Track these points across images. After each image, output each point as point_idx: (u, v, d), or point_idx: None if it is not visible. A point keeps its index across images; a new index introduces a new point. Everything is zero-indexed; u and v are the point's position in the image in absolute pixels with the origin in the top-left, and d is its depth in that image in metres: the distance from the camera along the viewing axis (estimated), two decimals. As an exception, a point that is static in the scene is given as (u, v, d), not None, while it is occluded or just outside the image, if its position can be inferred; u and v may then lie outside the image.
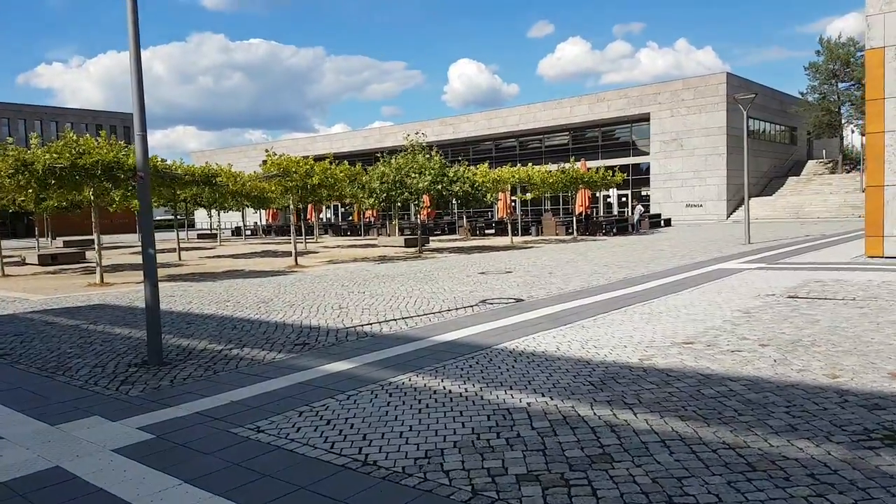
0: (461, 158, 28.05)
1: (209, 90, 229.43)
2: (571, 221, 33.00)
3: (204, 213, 45.85)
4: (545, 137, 52.52)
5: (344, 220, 55.15)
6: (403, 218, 43.61)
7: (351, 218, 53.09)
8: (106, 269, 16.01)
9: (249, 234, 50.41)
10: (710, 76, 44.15)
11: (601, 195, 45.97)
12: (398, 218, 40.55)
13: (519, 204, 36.23)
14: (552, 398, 4.89)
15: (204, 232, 51.34)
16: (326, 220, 55.58)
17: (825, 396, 4.69)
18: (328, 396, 5.25)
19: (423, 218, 27.78)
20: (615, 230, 33.15)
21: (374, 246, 29.17)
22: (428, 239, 28.39)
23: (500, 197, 32.87)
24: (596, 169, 31.68)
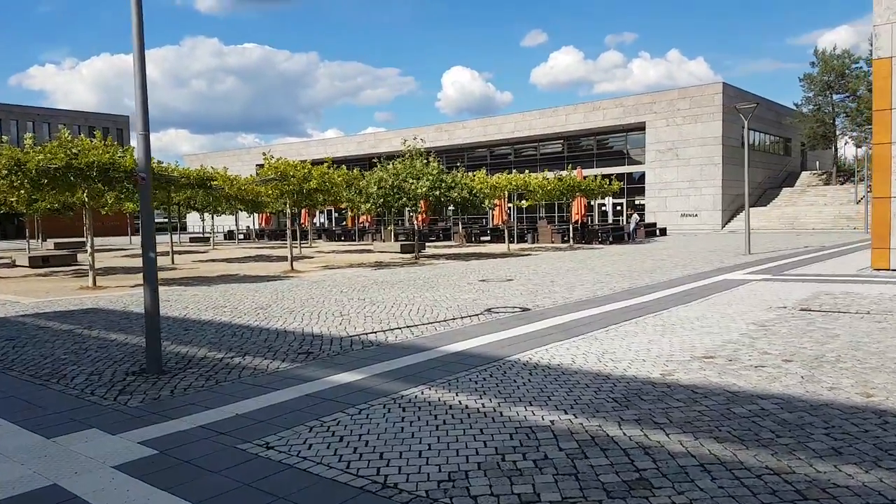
0: (459, 165, 27.82)
1: (202, 94, 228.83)
2: (567, 229, 32.86)
3: (196, 216, 45.41)
4: (540, 145, 52.43)
5: (338, 224, 54.85)
6: (398, 224, 43.32)
7: (345, 223, 52.83)
8: (98, 272, 15.69)
9: (242, 238, 49.98)
10: (706, 86, 44.17)
11: (596, 203, 45.87)
12: (393, 224, 40.24)
13: (515, 211, 36.05)
14: (576, 416, 4.66)
15: (196, 235, 50.89)
16: (320, 224, 55.25)
17: (863, 417, 4.48)
18: (338, 410, 5.01)
19: (418, 224, 27.55)
20: (611, 238, 33.03)
21: (369, 251, 28.90)
22: (424, 245, 28.15)
23: (496, 204, 32.66)
24: (593, 177, 31.54)
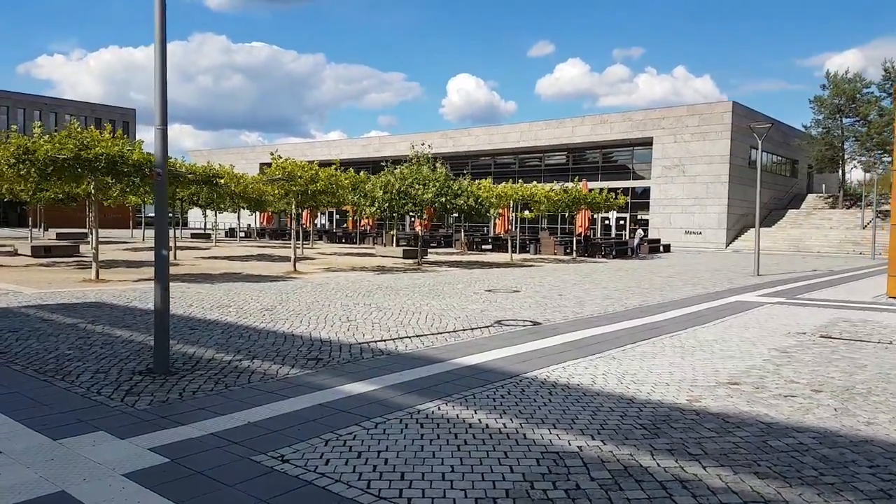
0: (465, 172, 27.65)
1: (208, 90, 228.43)
2: (571, 241, 32.67)
3: (197, 212, 45.18)
4: (545, 156, 52.29)
5: (338, 226, 54.62)
6: (400, 229, 43.13)
7: (345, 225, 52.59)
8: (100, 264, 15.48)
9: (244, 235, 49.77)
10: (715, 104, 44.06)
11: (599, 217, 45.70)
12: (396, 229, 40.04)
13: (517, 221, 35.88)
14: (604, 442, 4.47)
15: (197, 232, 50.66)
16: (321, 226, 55.03)
17: (906, 456, 4.29)
18: (354, 423, 4.82)
19: (419, 230, 27.36)
20: (614, 253, 32.85)
21: (371, 255, 28.70)
22: (426, 251, 27.95)
23: (501, 213, 32.50)
24: (599, 190, 31.38)
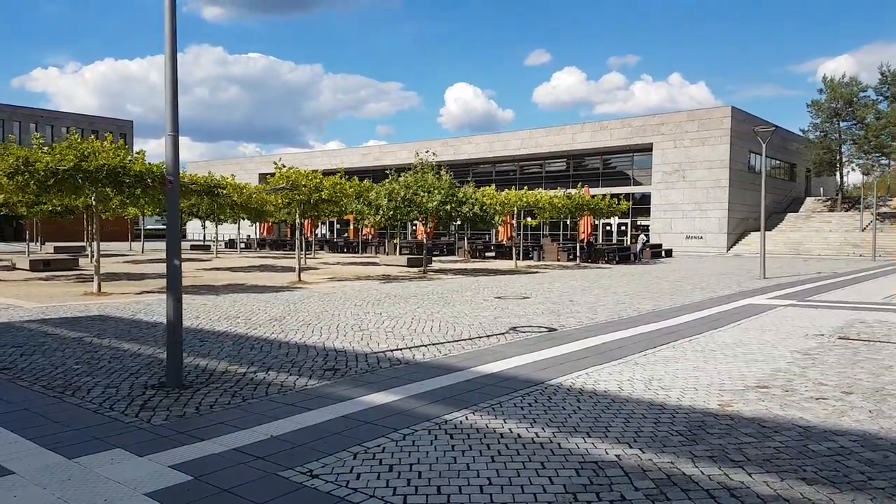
0: (469, 180, 27.55)
1: (204, 101, 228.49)
2: (574, 248, 32.56)
3: (196, 223, 44.97)
4: (546, 163, 52.25)
5: (339, 236, 54.47)
6: (404, 237, 42.95)
7: (346, 234, 52.44)
8: (102, 277, 15.31)
9: (244, 246, 49.59)
10: (714, 109, 44.10)
11: (600, 223, 45.61)
12: (399, 237, 39.87)
13: (521, 228, 35.74)
14: (642, 450, 4.31)
15: (197, 243, 50.41)
16: (321, 235, 54.88)
17: (956, 460, 4.14)
18: (381, 435, 4.66)
19: (422, 238, 27.21)
20: (617, 258, 32.74)
21: (374, 264, 28.55)
22: (431, 259, 27.81)
23: (505, 220, 32.38)
24: (602, 196, 31.31)
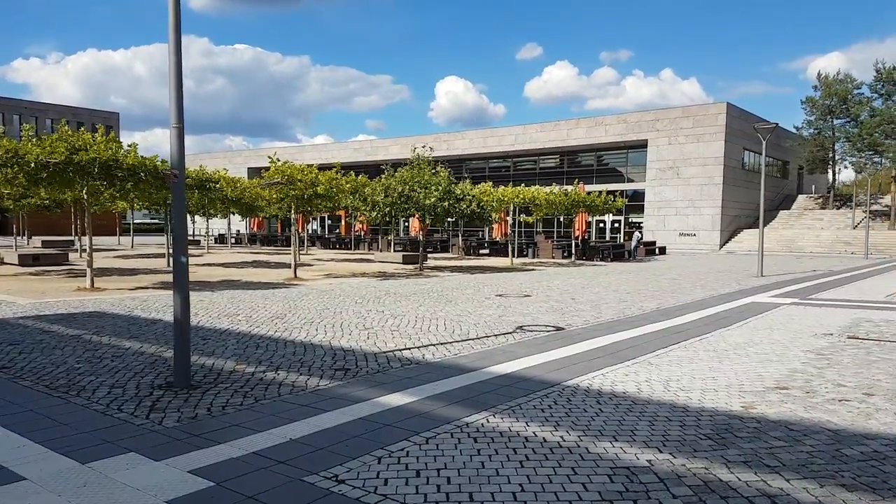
0: (466, 176, 27.41)
1: (190, 94, 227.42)
2: (569, 245, 32.50)
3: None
4: (540, 159, 52.13)
5: (331, 231, 54.15)
6: (396, 234, 42.72)
7: (338, 230, 52.13)
8: (94, 272, 15.08)
9: (234, 242, 49.22)
10: (709, 105, 44.09)
11: (594, 220, 45.56)
12: (394, 234, 39.62)
13: (515, 225, 35.63)
14: (673, 455, 4.21)
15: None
16: (312, 231, 54.54)
17: None
18: (403, 438, 4.54)
19: (415, 234, 27.03)
20: (612, 256, 32.71)
21: (369, 261, 28.36)
22: (426, 256, 27.64)
23: (501, 217, 32.27)
24: (598, 193, 31.24)
